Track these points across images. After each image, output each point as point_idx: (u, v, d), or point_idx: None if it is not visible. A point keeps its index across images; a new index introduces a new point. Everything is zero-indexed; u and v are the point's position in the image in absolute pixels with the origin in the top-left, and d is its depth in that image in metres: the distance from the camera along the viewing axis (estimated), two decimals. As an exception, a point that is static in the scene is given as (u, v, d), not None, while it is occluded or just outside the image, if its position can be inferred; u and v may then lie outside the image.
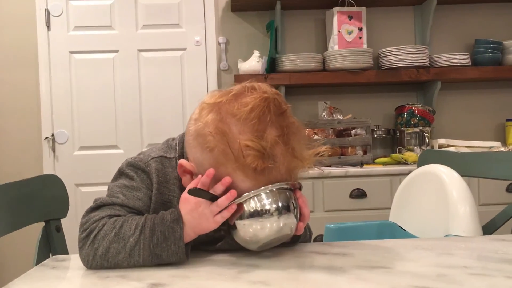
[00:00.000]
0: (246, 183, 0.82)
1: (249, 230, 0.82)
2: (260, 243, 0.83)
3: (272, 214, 0.81)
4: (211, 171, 0.82)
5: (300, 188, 0.88)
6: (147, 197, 0.91)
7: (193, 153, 0.88)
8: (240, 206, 0.82)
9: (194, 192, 0.82)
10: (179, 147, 0.94)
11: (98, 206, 0.88)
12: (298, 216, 0.85)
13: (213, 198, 0.82)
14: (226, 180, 0.81)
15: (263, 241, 0.83)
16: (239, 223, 0.82)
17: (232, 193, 0.81)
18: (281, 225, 0.81)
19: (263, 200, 0.81)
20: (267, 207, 0.81)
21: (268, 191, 0.81)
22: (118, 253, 0.82)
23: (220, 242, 0.91)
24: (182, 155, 0.93)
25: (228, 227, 0.85)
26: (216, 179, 0.83)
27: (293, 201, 0.83)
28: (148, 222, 0.83)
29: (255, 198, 0.81)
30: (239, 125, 0.81)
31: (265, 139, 0.80)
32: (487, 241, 0.97)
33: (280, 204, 0.81)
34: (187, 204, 0.84)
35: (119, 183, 0.92)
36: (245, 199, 0.81)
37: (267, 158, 0.80)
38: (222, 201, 0.81)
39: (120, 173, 0.94)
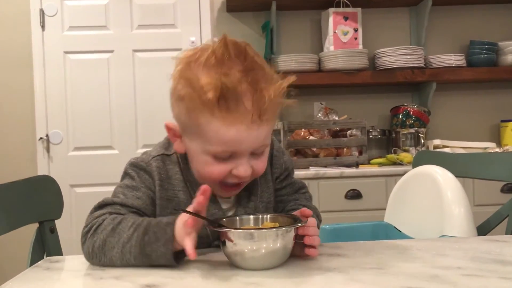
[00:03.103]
0: (215, 124, 0.82)
1: (238, 252, 0.79)
2: (247, 266, 0.80)
3: (259, 251, 0.78)
4: (204, 187, 0.80)
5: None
6: (146, 196, 0.94)
7: (174, 112, 0.91)
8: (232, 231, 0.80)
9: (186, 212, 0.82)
10: None
11: (100, 205, 0.92)
12: (288, 251, 0.81)
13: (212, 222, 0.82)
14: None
15: (249, 265, 0.80)
16: (229, 243, 0.79)
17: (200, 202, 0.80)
18: (267, 259, 0.79)
19: (254, 235, 0.78)
20: (257, 243, 0.77)
21: (266, 229, 0.79)
22: (112, 247, 0.83)
23: None
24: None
25: (219, 243, 0.83)
26: (191, 128, 0.86)
27: (288, 237, 0.80)
28: (144, 222, 0.84)
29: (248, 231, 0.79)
30: (201, 69, 0.84)
31: (226, 76, 0.81)
32: (481, 242, 0.97)
33: (271, 242, 0.78)
34: (182, 215, 0.83)
35: (122, 184, 0.96)
36: (239, 230, 0.81)
37: (229, 93, 0.80)
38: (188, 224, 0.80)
39: (125, 174, 0.98)
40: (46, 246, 1.13)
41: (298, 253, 0.84)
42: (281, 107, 0.89)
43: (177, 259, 0.81)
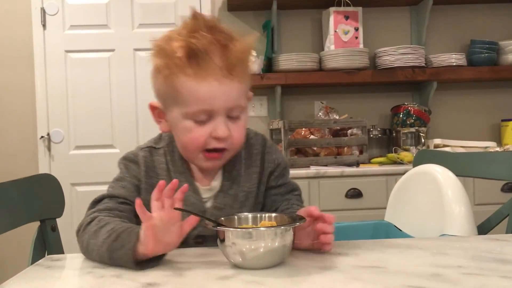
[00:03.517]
0: (188, 83, 0.89)
1: (237, 251, 0.79)
2: (246, 265, 0.80)
3: (258, 250, 0.77)
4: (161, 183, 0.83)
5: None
6: (131, 184, 1.01)
7: (155, 89, 0.98)
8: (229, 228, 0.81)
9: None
10: (168, 137, 1.05)
11: (93, 202, 0.99)
12: (287, 250, 0.81)
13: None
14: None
15: (248, 264, 0.79)
16: (228, 242, 0.79)
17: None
18: (266, 257, 0.79)
19: (252, 233, 0.78)
20: (256, 241, 0.77)
21: (265, 228, 0.80)
22: (92, 249, 0.86)
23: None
24: (171, 143, 1.04)
25: (218, 240, 0.82)
26: (170, 96, 0.93)
27: (287, 235, 0.79)
28: (121, 229, 0.85)
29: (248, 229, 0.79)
30: (175, 39, 0.91)
31: (194, 38, 0.88)
32: (481, 241, 0.97)
33: (270, 241, 0.77)
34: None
35: (113, 178, 1.04)
36: (238, 228, 0.82)
37: (198, 51, 0.88)
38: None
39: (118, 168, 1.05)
40: (47, 245, 1.13)
41: (310, 246, 0.88)
42: (250, 67, 0.97)
43: (152, 264, 0.82)
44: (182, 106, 0.92)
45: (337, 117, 2.83)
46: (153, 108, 1.01)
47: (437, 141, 2.80)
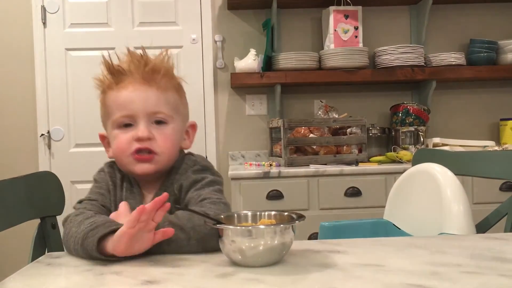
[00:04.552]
0: (113, 94, 1.02)
1: (237, 249, 0.79)
2: (246, 263, 0.80)
3: (257, 247, 0.77)
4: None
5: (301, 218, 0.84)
6: (104, 190, 1.07)
7: (101, 120, 1.09)
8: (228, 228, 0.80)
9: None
10: None
11: (79, 201, 1.05)
12: (287, 248, 0.81)
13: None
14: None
15: (248, 262, 0.79)
16: (227, 240, 0.79)
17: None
18: (266, 255, 0.79)
19: (252, 231, 0.78)
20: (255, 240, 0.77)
21: (263, 226, 0.80)
22: (71, 236, 0.89)
23: None
24: None
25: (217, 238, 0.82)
26: (106, 116, 1.05)
27: (286, 233, 0.79)
28: (102, 222, 0.88)
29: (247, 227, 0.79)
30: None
31: (116, 62, 1.03)
32: (480, 240, 0.97)
33: (269, 239, 0.77)
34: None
35: (92, 185, 1.11)
36: (237, 227, 0.82)
37: (119, 69, 1.02)
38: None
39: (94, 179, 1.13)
40: (47, 242, 1.14)
41: None
42: (174, 79, 1.09)
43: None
44: (110, 117, 1.03)
45: (336, 116, 2.84)
46: (102, 138, 1.10)
47: (436, 140, 2.81)
